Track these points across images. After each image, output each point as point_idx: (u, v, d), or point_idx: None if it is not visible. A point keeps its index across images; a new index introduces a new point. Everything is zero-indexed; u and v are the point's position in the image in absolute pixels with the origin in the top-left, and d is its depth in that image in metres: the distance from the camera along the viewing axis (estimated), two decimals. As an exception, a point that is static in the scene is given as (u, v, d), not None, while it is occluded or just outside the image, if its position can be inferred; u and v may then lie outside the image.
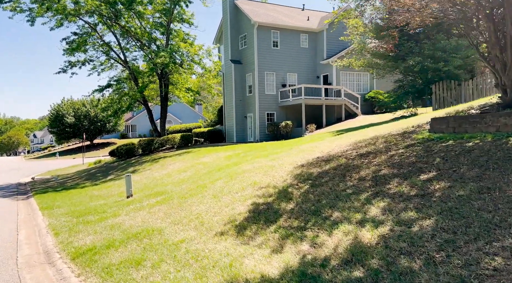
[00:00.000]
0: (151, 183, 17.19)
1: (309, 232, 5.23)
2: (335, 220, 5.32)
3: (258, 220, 6.32)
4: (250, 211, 6.92)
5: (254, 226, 6.09)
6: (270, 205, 6.89)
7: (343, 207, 5.72)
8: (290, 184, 7.86)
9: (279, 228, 5.72)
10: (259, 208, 6.93)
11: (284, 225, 5.79)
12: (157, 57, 26.56)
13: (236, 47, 33.16)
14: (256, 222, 6.27)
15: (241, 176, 10.32)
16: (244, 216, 6.75)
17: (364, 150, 8.88)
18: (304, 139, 20.45)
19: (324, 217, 5.57)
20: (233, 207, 7.49)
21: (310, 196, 6.69)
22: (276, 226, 5.82)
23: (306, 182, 7.65)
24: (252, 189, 8.43)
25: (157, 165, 22.83)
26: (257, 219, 6.37)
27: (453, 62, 17.71)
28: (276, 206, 6.73)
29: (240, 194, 8.31)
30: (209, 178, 12.75)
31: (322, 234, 5.03)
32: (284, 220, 5.97)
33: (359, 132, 13.85)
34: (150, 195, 12.83)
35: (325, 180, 7.31)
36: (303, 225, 5.52)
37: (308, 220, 5.63)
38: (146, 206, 10.51)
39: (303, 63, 33.03)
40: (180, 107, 69.70)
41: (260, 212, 6.67)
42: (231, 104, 33.12)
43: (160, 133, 33.28)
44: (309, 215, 5.81)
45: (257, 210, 6.84)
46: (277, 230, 5.68)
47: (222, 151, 22.06)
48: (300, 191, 7.16)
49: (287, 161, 10.58)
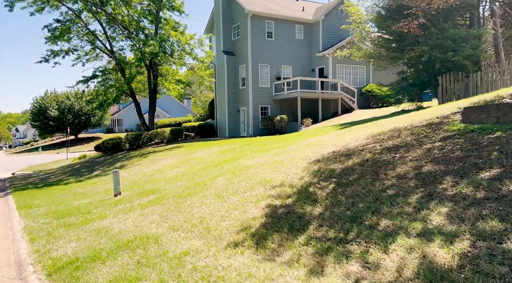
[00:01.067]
0: (141, 179, 15.86)
1: (353, 246, 4.08)
2: (386, 230, 4.19)
3: (280, 228, 5.15)
4: (267, 215, 5.74)
5: (277, 236, 4.92)
6: (291, 208, 5.72)
7: (391, 212, 4.59)
8: (309, 182, 6.70)
9: (310, 239, 4.56)
10: (277, 211, 5.75)
11: (316, 234, 4.63)
12: (145, 46, 25.07)
13: (228, 38, 31.81)
14: (278, 230, 5.10)
15: (245, 173, 9.13)
16: (260, 221, 5.57)
17: (389, 143, 7.77)
18: (303, 133, 19.33)
19: (369, 225, 4.43)
20: (244, 210, 6.30)
21: (340, 197, 5.55)
22: (305, 236, 4.66)
23: (329, 180, 6.50)
24: (263, 188, 7.25)
25: (146, 160, 21.47)
26: (279, 226, 5.20)
27: (463, 52, 16.74)
28: (299, 209, 5.57)
29: (249, 194, 7.12)
30: (207, 174, 11.52)
31: (374, 249, 3.89)
32: (314, 228, 4.81)
33: (369, 125, 12.76)
34: (141, 193, 11.54)
35: (354, 178, 6.17)
36: (342, 236, 4.37)
37: (348, 229, 4.48)
38: (137, 206, 9.24)
39: (298, 56, 31.87)
40: (168, 101, 67.97)
41: (280, 217, 5.50)
42: (223, 98, 31.81)
43: (148, 127, 31.81)
44: (347, 223, 4.67)
45: (275, 214, 5.67)
46: (309, 241, 4.52)
47: (215, 146, 20.81)
48: (325, 191, 6.00)
49: (297, 155, 9.41)
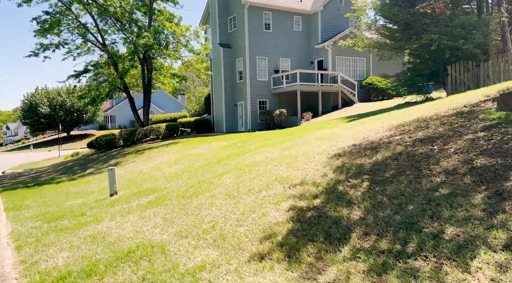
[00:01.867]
0: (138, 177, 14.95)
1: (419, 261, 3.26)
2: (457, 240, 3.37)
3: (313, 236, 4.31)
4: (293, 219, 4.90)
5: (312, 246, 4.08)
6: (322, 211, 4.89)
7: (455, 217, 3.77)
8: (335, 179, 5.86)
9: (357, 251, 3.73)
10: (305, 215, 4.91)
11: (362, 245, 3.80)
12: (139, 38, 24.01)
13: (224, 30, 30.80)
14: (312, 238, 4.26)
15: (256, 169, 8.27)
16: (287, 227, 4.73)
17: (419, 134, 6.96)
18: (306, 127, 18.49)
19: (431, 234, 3.61)
20: (263, 213, 5.46)
21: (381, 197, 4.73)
22: (350, 248, 3.83)
23: (359, 176, 5.67)
24: (280, 186, 6.40)
25: (142, 157, 20.54)
26: (312, 234, 4.36)
27: (474, 40, 15.98)
28: (332, 212, 4.73)
29: (266, 194, 6.27)
30: (210, 171, 10.65)
31: (450, 266, 3.07)
32: (358, 236, 3.99)
33: (382, 117, 11.95)
34: (139, 192, 10.65)
35: (390, 175, 5.35)
36: (399, 248, 3.55)
37: (404, 239, 3.66)
38: (136, 208, 8.36)
39: (297, 48, 30.98)
40: (162, 97, 66.81)
41: (310, 222, 4.66)
42: (220, 92, 30.85)
43: (143, 123, 30.80)
44: (401, 230, 3.85)
45: (303, 219, 4.83)
46: (355, 254, 3.69)
47: (214, 141, 19.94)
48: (359, 190, 5.17)
49: (311, 150, 8.57)
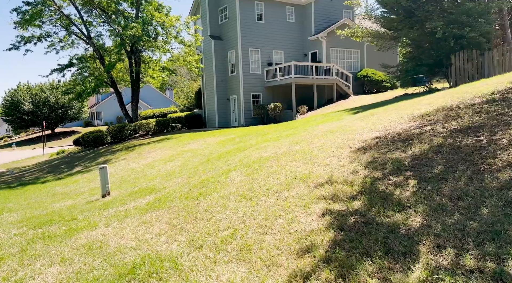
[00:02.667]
0: (130, 176, 14.00)
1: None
2: None
3: (367, 249, 3.52)
4: (333, 226, 4.10)
5: (369, 263, 3.29)
6: (368, 216, 4.10)
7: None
8: (372, 177, 5.09)
9: (435, 270, 2.95)
10: (347, 221, 4.12)
11: (440, 262, 3.03)
12: (127, 29, 22.84)
13: (215, 21, 29.76)
14: (366, 252, 3.47)
15: (266, 166, 7.45)
16: (328, 237, 3.93)
17: (453, 124, 6.23)
18: (307, 120, 17.71)
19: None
20: (292, 218, 4.65)
21: (439, 198, 3.96)
22: (424, 265, 3.04)
23: (401, 173, 4.90)
24: (304, 185, 5.60)
25: (133, 154, 19.52)
26: (364, 246, 3.57)
27: (480, 28, 15.37)
28: (382, 218, 3.95)
29: (288, 194, 5.46)
30: (212, 168, 9.80)
31: None
32: (429, 250, 3.21)
33: (394, 107, 11.22)
34: (135, 193, 9.74)
35: (440, 170, 4.59)
36: (496, 267, 2.78)
37: (497, 254, 2.90)
38: (134, 211, 7.47)
39: (290, 40, 30.13)
40: (150, 92, 65.30)
41: (358, 231, 3.87)
42: (211, 86, 29.86)
43: (132, 118, 29.66)
44: (485, 241, 3.09)
45: (347, 226, 4.04)
46: (435, 275, 2.91)
47: (209, 136, 19.04)
48: (407, 189, 4.41)
49: (326, 144, 7.79)
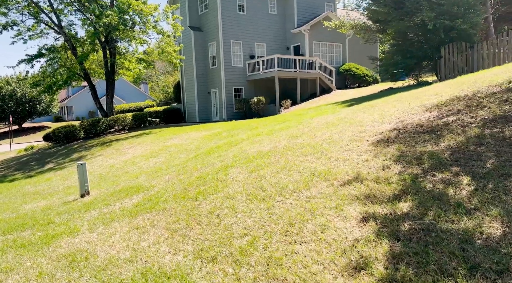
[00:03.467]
0: (109, 173, 12.95)
1: None
2: None
3: (443, 265, 2.83)
4: (383, 234, 3.40)
5: None
6: (425, 221, 3.43)
7: None
8: (410, 173, 4.43)
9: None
10: (400, 227, 3.43)
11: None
12: (102, 17, 21.46)
13: (195, 12, 28.64)
14: (442, 270, 2.78)
15: (271, 162, 6.70)
16: (383, 249, 3.22)
17: (481, 114, 5.68)
18: (295, 114, 17.03)
19: None
20: (324, 223, 3.92)
21: (510, 199, 3.32)
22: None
23: (444, 168, 4.27)
24: (326, 184, 4.89)
25: (110, 150, 18.34)
26: (437, 261, 2.88)
27: (472, 19, 15.10)
28: (446, 224, 3.29)
29: (309, 194, 4.74)
30: (204, 165, 8.96)
31: None
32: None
33: (393, 99, 10.66)
34: (118, 192, 8.78)
35: (494, 165, 4.00)
36: None
37: None
38: (122, 213, 6.56)
39: (272, 32, 29.38)
40: (123, 86, 63.07)
41: (419, 240, 3.18)
42: (191, 79, 28.76)
43: (107, 113, 28.20)
44: None
45: (402, 234, 3.34)
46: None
47: (192, 131, 18.09)
48: (462, 188, 3.78)
49: (335, 137, 7.11)
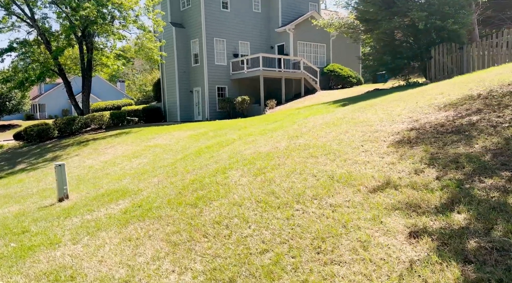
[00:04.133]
0: (89, 174, 12.04)
1: None
2: None
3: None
4: (446, 254, 2.86)
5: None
6: (493, 237, 2.93)
7: None
8: (452, 179, 3.94)
9: None
10: (465, 246, 2.89)
11: None
12: (79, 9, 20.33)
13: (176, 7, 27.73)
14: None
15: (276, 164, 6.10)
16: (453, 274, 2.67)
17: (509, 112, 5.24)
18: (285, 114, 16.49)
19: None
20: (365, 240, 3.36)
21: None
22: None
23: (494, 173, 3.82)
24: (351, 190, 4.33)
25: (87, 150, 17.31)
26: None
27: (463, 20, 14.97)
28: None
29: (335, 201, 4.16)
30: (195, 166, 8.27)
31: None
32: None
33: (389, 99, 10.25)
34: (101, 196, 7.98)
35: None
36: None
37: None
38: (109, 221, 5.81)
39: (256, 31, 28.81)
40: (99, 84, 61.06)
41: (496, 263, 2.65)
42: (173, 77, 27.82)
43: (83, 111, 26.93)
44: None
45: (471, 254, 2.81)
46: None
47: (176, 131, 17.29)
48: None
49: (343, 137, 6.58)
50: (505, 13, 22.82)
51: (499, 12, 22.32)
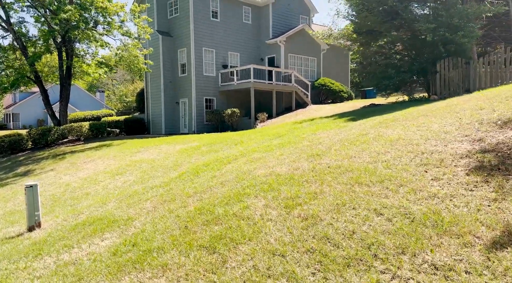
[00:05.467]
0: (65, 194, 10.47)
1: None
2: None
3: None
4: None
5: None
6: None
7: None
8: None
9: None
10: None
11: None
12: (59, 12, 18.80)
13: (163, 15, 26.47)
14: None
15: (310, 191, 4.85)
16: None
17: None
18: (290, 128, 15.22)
19: None
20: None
21: None
22: None
23: None
24: (459, 241, 3.14)
25: (64, 164, 15.64)
26: None
27: (472, 33, 14.26)
28: None
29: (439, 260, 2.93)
30: (196, 189, 6.91)
31: None
32: None
33: (414, 114, 9.20)
34: (82, 225, 6.50)
35: None
36: None
37: None
38: (94, 268, 4.39)
39: (246, 42, 27.77)
40: (77, 93, 58.63)
41: None
42: (158, 87, 26.36)
43: (60, 121, 25.08)
44: None
45: None
46: None
47: (163, 144, 15.84)
48: None
49: (388, 158, 5.41)
50: (495, 31, 22.58)
51: (491, 30, 22.03)
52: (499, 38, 22.46)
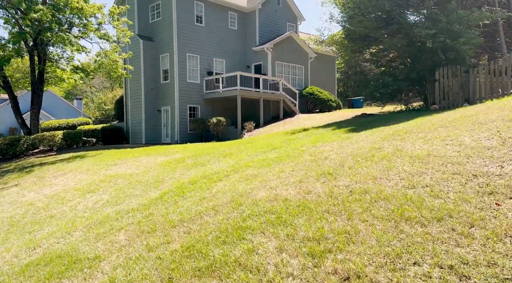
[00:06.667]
0: (26, 216, 8.97)
1: None
2: None
3: None
4: None
5: None
6: None
7: None
8: None
9: None
10: None
11: None
12: (30, 12, 17.25)
13: (145, 19, 25.11)
14: None
15: (340, 229, 3.66)
16: None
17: None
18: (286, 140, 13.98)
19: None
20: None
21: None
22: None
23: None
24: None
25: (30, 178, 14.02)
26: None
27: (474, 40, 13.48)
28: None
29: None
30: (181, 215, 5.61)
31: None
32: None
33: (428, 126, 8.15)
34: (36, 265, 5.13)
35: None
36: None
37: None
38: None
39: (232, 49, 26.62)
40: (53, 100, 56.00)
41: None
42: (138, 94, 24.86)
43: (31, 129, 23.26)
44: None
45: None
46: None
47: (143, 156, 14.40)
48: None
49: (432, 182, 4.25)
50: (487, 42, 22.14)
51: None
52: (486, 48, 22.00)
